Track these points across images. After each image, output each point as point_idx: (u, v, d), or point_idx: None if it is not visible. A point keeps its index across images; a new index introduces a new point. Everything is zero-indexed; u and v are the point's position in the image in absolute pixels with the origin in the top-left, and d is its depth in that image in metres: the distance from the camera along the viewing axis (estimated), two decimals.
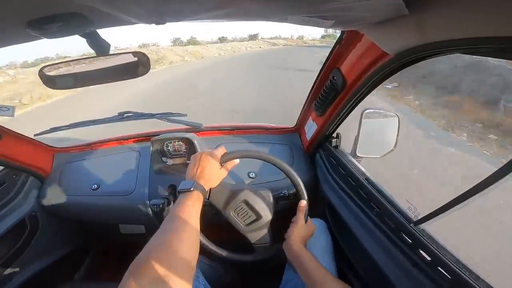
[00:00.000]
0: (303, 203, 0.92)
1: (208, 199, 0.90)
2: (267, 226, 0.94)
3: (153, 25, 0.53)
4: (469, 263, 0.62)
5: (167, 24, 0.53)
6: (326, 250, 0.96)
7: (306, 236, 0.89)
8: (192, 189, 0.74)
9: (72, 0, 0.38)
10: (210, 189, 0.87)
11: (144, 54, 0.78)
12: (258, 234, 0.94)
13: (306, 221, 0.92)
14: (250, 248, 0.96)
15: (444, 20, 0.46)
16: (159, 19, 0.50)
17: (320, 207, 1.21)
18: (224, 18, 0.52)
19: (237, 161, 0.91)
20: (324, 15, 0.52)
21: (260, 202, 0.92)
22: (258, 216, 0.91)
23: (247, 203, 0.91)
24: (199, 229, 0.68)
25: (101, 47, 0.63)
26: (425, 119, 5.37)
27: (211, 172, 0.82)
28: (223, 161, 0.87)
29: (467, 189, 0.56)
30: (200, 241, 0.89)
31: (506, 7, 0.35)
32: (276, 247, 0.95)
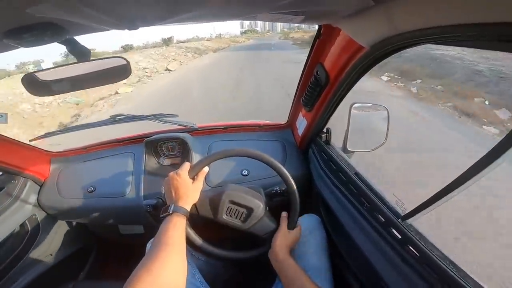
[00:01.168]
0: (285, 214, 0.94)
1: (198, 214, 0.92)
2: (264, 213, 0.94)
3: (126, 30, 0.55)
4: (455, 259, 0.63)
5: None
6: (320, 246, 0.96)
7: (290, 243, 0.90)
8: (170, 212, 0.77)
9: (39, 12, 0.39)
10: (195, 204, 0.90)
11: (125, 59, 0.79)
12: (260, 225, 0.94)
13: (292, 228, 0.93)
14: (262, 241, 0.95)
15: (410, 10, 0.46)
16: (130, 25, 0.51)
17: (314, 203, 1.22)
18: (194, 20, 0.53)
19: (206, 169, 0.91)
20: (293, 10, 0.53)
21: (245, 196, 0.92)
22: (250, 209, 0.91)
23: (233, 202, 0.91)
24: (184, 250, 0.70)
25: (81, 53, 0.64)
26: None
27: (186, 190, 0.83)
28: (192, 175, 0.88)
29: (452, 181, 0.56)
30: (194, 240, 0.91)
31: None
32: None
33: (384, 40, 0.57)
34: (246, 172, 1.28)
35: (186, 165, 0.89)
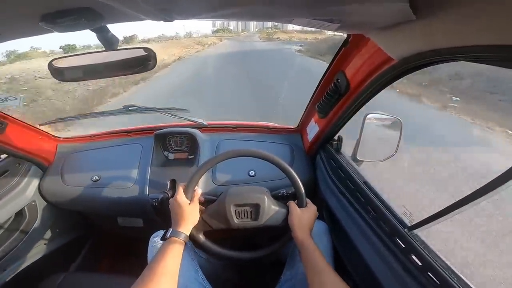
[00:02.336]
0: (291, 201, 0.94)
1: (213, 228, 0.93)
2: (272, 203, 0.94)
3: (161, 22, 0.55)
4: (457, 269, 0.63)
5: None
6: (327, 252, 0.97)
7: (307, 222, 0.89)
8: (168, 237, 0.80)
9: None
10: (206, 221, 0.92)
11: (151, 50, 0.79)
12: (273, 216, 0.93)
13: (303, 204, 0.93)
14: (282, 229, 0.94)
15: (450, 27, 0.46)
16: (167, 16, 0.51)
17: (318, 209, 1.22)
18: (231, 17, 0.53)
19: (199, 190, 0.92)
20: (331, 18, 0.53)
21: (247, 195, 0.93)
22: (256, 206, 0.92)
23: (237, 205, 0.91)
24: (175, 277, 0.73)
25: (110, 42, 0.64)
26: None
27: (183, 214, 0.85)
28: (189, 196, 0.89)
29: (464, 196, 0.57)
30: (199, 239, 0.92)
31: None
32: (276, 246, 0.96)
33: (416, 54, 0.57)
34: (253, 173, 1.28)
35: (180, 187, 0.90)
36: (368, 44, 0.76)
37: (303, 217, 0.90)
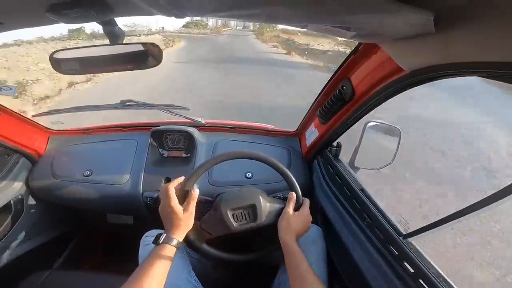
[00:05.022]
0: (293, 194, 0.91)
1: (214, 236, 0.91)
2: (268, 201, 0.92)
3: (173, 18, 0.53)
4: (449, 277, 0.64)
5: None
6: (321, 257, 0.96)
7: (295, 225, 0.87)
8: (160, 242, 0.77)
9: None
10: (206, 230, 0.90)
11: (156, 46, 0.77)
12: (272, 213, 0.91)
13: (299, 207, 0.91)
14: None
15: (470, 42, 0.46)
16: (179, 12, 0.49)
17: (312, 214, 1.22)
18: (247, 18, 0.51)
19: (196, 193, 0.85)
20: (348, 26, 0.52)
21: (241, 196, 0.91)
22: (252, 206, 0.90)
23: (233, 208, 0.89)
24: (164, 279, 0.72)
25: (116, 35, 0.62)
26: None
27: (178, 220, 0.80)
28: (182, 199, 0.84)
29: (461, 208, 0.58)
30: (202, 248, 0.90)
31: None
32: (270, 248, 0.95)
33: (429, 66, 0.57)
34: (250, 175, 1.26)
35: (173, 193, 0.84)
36: (378, 53, 0.76)
37: (293, 220, 0.87)
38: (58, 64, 0.76)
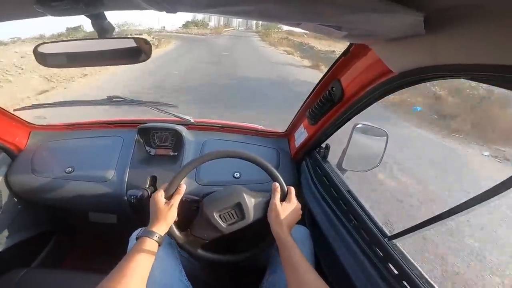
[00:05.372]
0: (276, 184, 0.91)
1: (208, 240, 0.90)
2: (252, 196, 0.92)
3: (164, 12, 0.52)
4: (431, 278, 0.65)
5: None
6: (309, 257, 0.97)
7: (285, 216, 0.87)
8: (140, 235, 0.78)
9: None
10: (197, 236, 0.89)
11: (146, 41, 0.75)
12: (260, 209, 0.91)
13: (284, 201, 0.91)
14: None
15: (458, 44, 0.46)
16: (170, 7, 0.48)
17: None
18: (239, 15, 0.51)
19: (182, 188, 0.87)
20: (339, 25, 0.52)
21: (224, 199, 0.90)
22: (238, 205, 0.89)
23: (219, 210, 0.89)
24: (144, 277, 0.70)
25: (105, 30, 0.60)
26: None
27: (159, 214, 0.82)
28: (168, 196, 0.85)
29: (445, 210, 0.59)
30: (195, 253, 0.89)
31: None
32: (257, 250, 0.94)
33: (417, 68, 0.58)
34: (238, 175, 1.26)
35: (162, 187, 0.87)
36: (368, 54, 0.76)
37: (282, 211, 0.87)
38: (43, 58, 0.73)
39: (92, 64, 0.81)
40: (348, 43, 0.82)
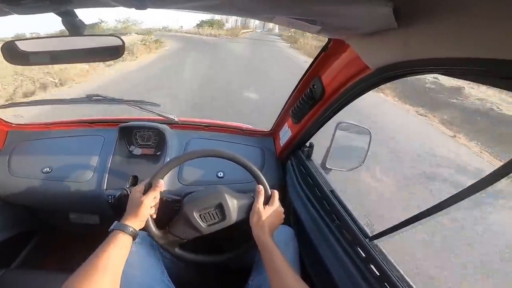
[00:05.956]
0: (260, 187, 0.90)
1: (186, 241, 0.89)
2: (234, 197, 0.91)
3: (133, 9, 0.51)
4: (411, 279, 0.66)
5: None
6: (294, 259, 0.96)
7: (267, 219, 0.85)
8: (112, 228, 0.75)
9: None
10: (177, 235, 0.87)
11: (120, 38, 0.74)
12: (242, 210, 0.90)
13: (267, 202, 0.90)
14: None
15: (429, 37, 0.46)
16: (139, 4, 0.47)
17: (285, 214, 1.22)
18: (210, 10, 0.50)
19: (160, 184, 0.85)
20: (312, 19, 0.52)
21: (204, 198, 0.89)
22: (219, 205, 0.88)
23: (199, 210, 0.87)
24: (118, 272, 0.68)
25: (75, 27, 0.59)
26: None
27: (133, 208, 0.80)
28: (145, 191, 0.84)
29: (424, 209, 0.59)
30: (174, 252, 0.88)
31: (490, 30, 0.35)
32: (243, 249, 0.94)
33: (392, 64, 0.57)
34: (222, 174, 1.25)
35: (142, 183, 0.86)
36: (347, 51, 0.76)
37: (264, 214, 0.85)
38: (24, 56, 0.71)
39: (71, 61, 0.80)
40: (327, 39, 0.82)
